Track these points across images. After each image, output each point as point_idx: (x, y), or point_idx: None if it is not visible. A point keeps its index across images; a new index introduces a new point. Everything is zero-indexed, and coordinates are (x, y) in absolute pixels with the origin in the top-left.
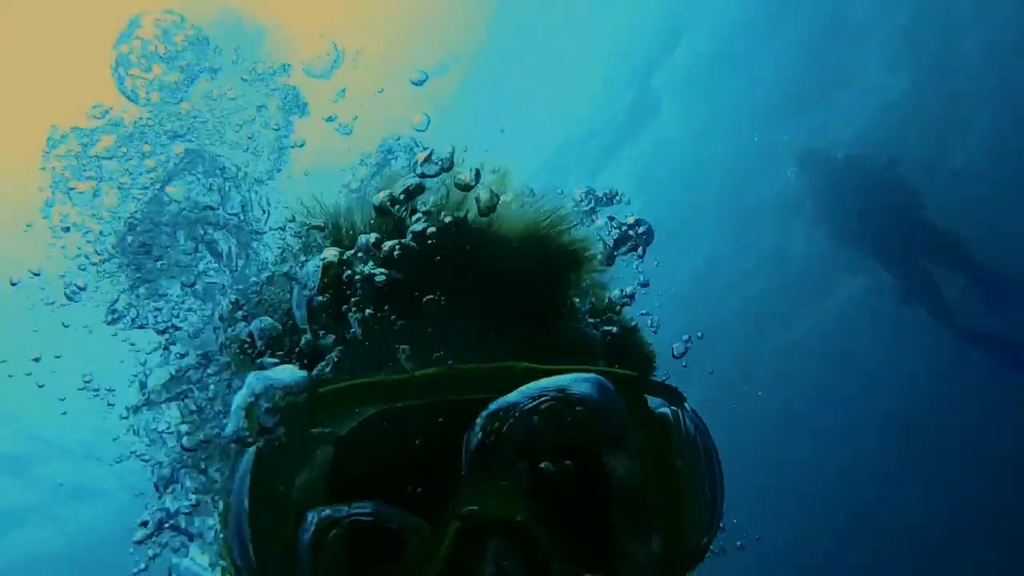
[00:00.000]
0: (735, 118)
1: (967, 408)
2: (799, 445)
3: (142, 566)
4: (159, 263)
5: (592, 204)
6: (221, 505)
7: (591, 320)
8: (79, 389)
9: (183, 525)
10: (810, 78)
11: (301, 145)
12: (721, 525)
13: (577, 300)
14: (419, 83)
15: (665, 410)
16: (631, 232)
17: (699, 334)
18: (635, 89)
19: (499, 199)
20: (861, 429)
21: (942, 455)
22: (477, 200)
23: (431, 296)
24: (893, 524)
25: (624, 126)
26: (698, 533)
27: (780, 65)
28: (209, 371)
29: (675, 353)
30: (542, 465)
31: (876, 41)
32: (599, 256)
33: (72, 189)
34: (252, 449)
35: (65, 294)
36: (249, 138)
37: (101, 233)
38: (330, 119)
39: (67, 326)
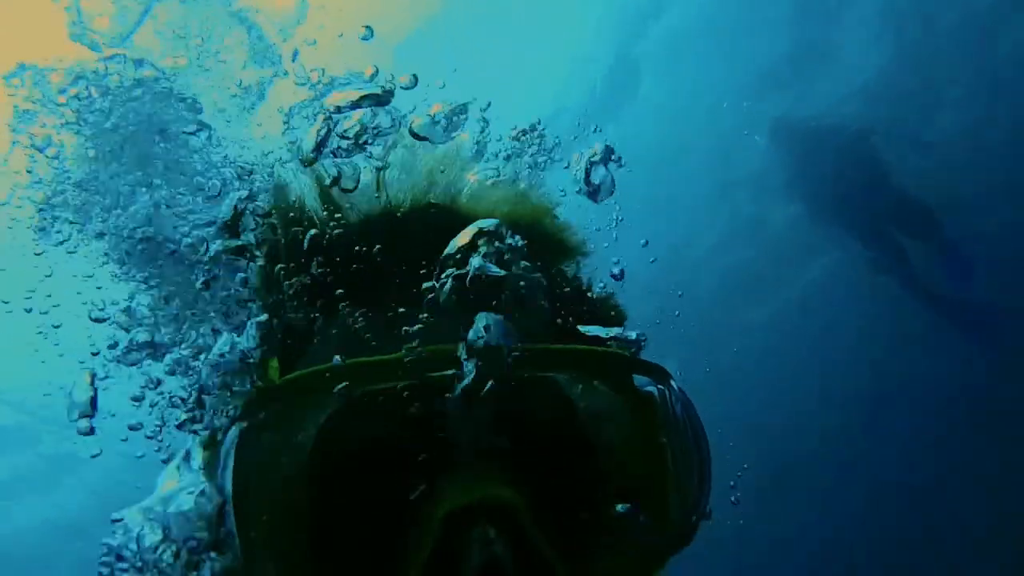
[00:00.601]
0: (716, 91)
1: (939, 375)
2: (774, 416)
3: None
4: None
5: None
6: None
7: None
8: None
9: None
10: (792, 52)
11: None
12: (709, 508)
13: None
14: (366, 38)
15: (651, 388)
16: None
17: (676, 313)
18: (614, 58)
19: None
20: (833, 398)
21: (917, 421)
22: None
23: (412, 276)
24: (869, 490)
25: (604, 96)
26: (687, 511)
27: (762, 38)
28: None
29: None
30: (529, 446)
31: (858, 15)
32: (575, 240)
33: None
34: (234, 431)
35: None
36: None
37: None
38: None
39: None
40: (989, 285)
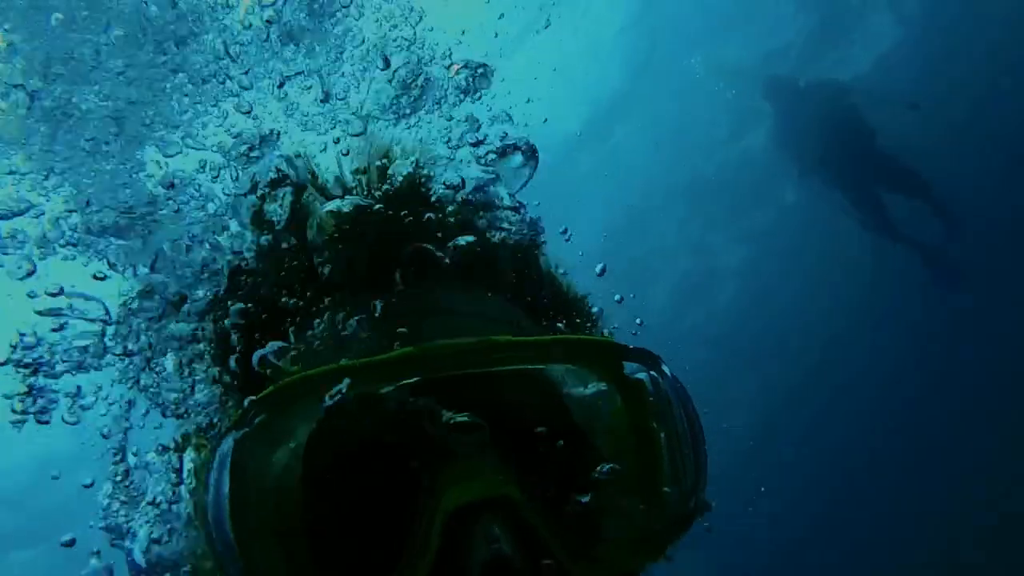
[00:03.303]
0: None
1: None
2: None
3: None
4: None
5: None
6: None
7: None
8: None
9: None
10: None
11: None
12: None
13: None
14: None
15: (642, 375)
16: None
17: (631, 295)
18: None
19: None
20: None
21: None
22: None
23: (396, 275)
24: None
25: None
26: (684, 497)
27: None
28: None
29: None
30: (524, 438)
31: None
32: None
33: None
34: (228, 441)
35: None
36: None
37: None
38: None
39: None
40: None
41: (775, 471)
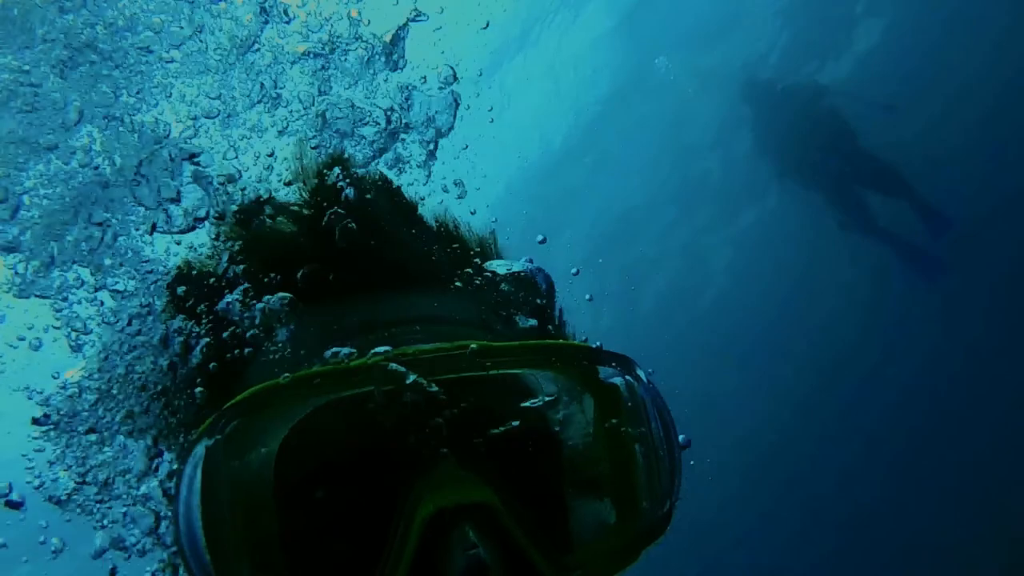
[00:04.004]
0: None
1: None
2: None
3: None
4: None
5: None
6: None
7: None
8: None
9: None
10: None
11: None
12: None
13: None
14: None
15: (617, 379)
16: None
17: (588, 296)
18: None
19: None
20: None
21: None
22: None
23: (365, 279)
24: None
25: None
26: (659, 500)
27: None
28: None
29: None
30: (499, 444)
31: None
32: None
33: None
34: (199, 448)
35: None
36: None
37: None
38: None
39: None
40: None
41: (769, 470)
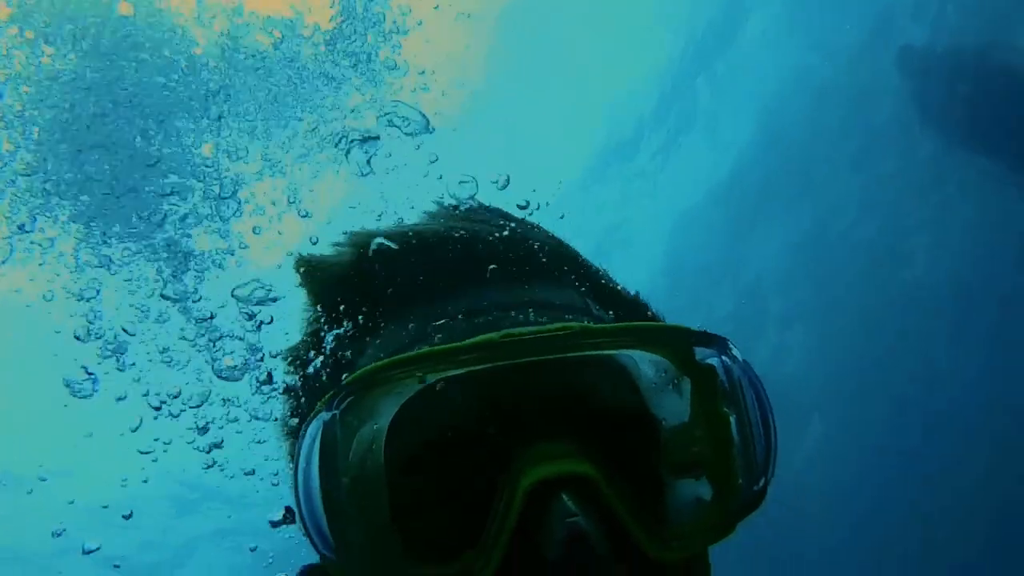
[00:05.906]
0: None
1: None
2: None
3: None
4: None
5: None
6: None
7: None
8: None
9: None
10: None
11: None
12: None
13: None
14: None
15: (713, 360)
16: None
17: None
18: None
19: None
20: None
21: None
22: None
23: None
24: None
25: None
26: (752, 479)
27: None
28: None
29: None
30: (598, 422)
31: None
32: None
33: None
34: (316, 423)
35: None
36: None
37: None
38: None
39: None
40: None
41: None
